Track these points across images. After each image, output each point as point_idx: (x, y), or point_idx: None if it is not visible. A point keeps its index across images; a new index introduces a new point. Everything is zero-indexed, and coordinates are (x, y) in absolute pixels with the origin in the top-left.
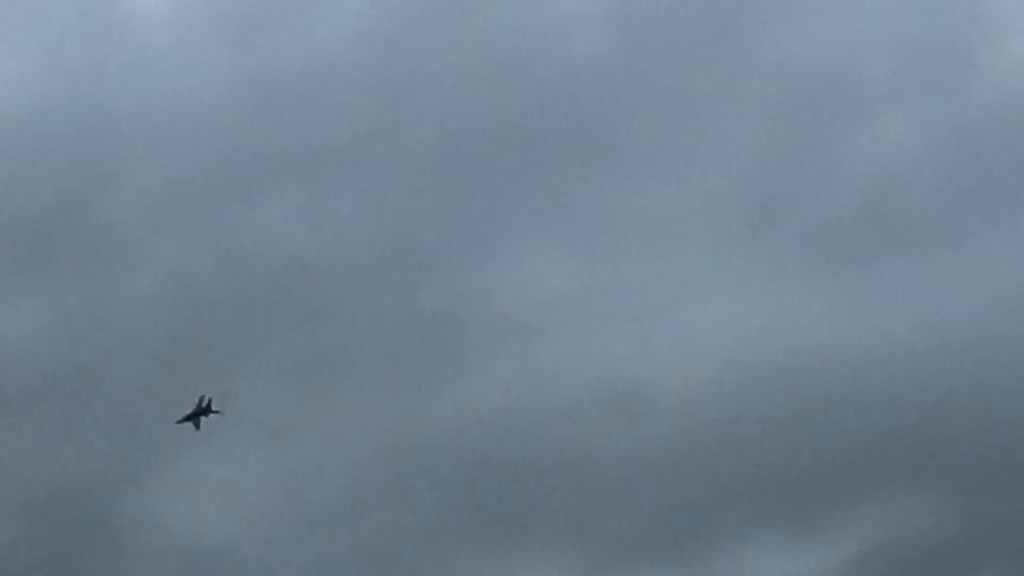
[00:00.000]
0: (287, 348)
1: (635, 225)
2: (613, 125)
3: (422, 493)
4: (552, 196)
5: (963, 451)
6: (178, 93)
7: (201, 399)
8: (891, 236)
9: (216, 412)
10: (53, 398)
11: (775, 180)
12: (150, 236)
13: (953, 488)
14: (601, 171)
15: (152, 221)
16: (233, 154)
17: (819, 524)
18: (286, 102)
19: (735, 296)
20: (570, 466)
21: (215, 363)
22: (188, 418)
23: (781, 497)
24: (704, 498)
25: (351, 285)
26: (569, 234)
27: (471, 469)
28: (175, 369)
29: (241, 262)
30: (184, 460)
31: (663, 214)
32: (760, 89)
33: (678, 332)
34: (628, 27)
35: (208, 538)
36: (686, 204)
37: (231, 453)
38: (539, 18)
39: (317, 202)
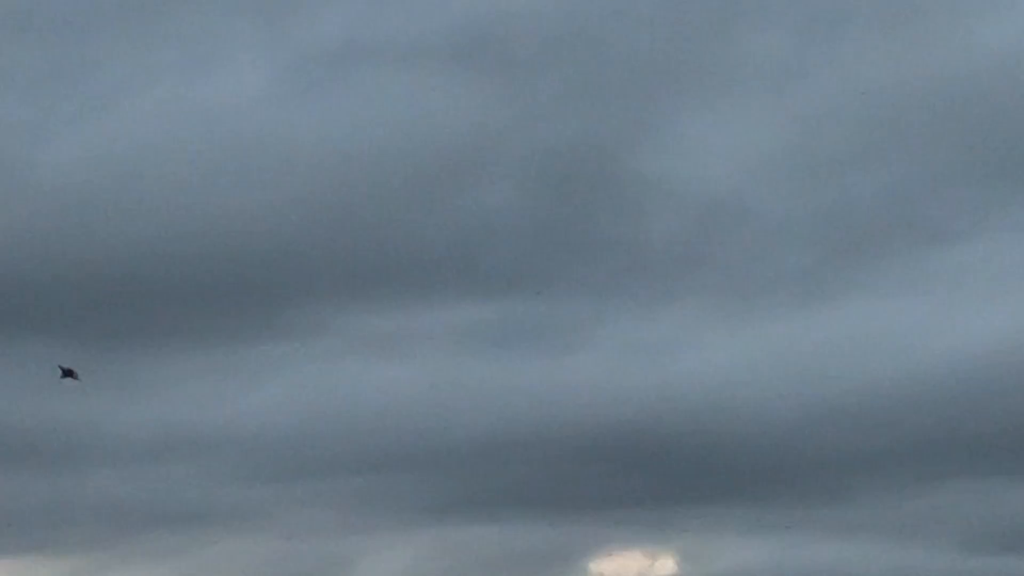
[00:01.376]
0: None
1: None
2: None
3: (933, 139)
4: None
5: None
6: None
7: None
8: None
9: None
10: (559, 58)
11: None
12: None
13: None
14: None
15: None
16: None
17: None
18: None
19: None
20: None
21: (725, 13)
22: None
23: None
24: None
25: None
26: None
27: (985, 114)
28: (678, 22)
29: None
30: (691, 114)
31: None
32: None
33: None
34: None
35: (718, 191)
36: None
37: (738, 104)
38: None
39: None
